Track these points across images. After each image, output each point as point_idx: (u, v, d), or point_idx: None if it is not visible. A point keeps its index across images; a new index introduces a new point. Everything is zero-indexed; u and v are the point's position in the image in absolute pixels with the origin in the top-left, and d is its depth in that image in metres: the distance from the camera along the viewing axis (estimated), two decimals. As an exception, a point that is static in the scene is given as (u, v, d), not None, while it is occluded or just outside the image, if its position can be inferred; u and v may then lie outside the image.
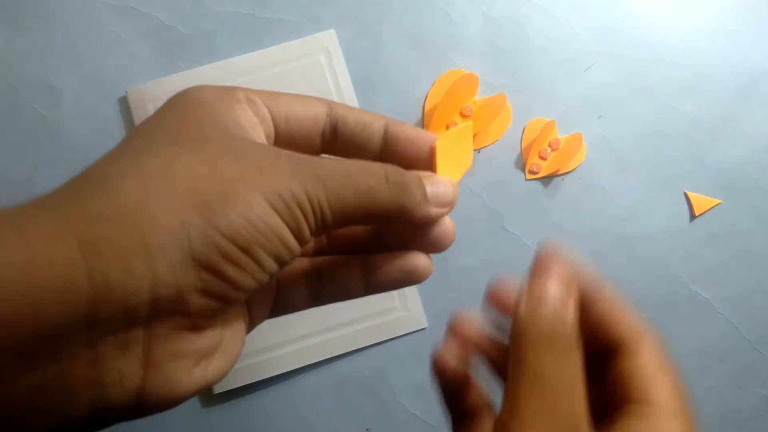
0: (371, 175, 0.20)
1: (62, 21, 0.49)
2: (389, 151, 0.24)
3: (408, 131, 0.24)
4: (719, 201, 0.49)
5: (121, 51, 0.49)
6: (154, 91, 0.48)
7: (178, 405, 0.19)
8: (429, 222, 0.23)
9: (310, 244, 0.26)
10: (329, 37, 0.49)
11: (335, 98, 0.48)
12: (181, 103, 0.21)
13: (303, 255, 0.25)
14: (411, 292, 0.47)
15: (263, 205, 0.18)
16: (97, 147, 0.48)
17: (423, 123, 0.49)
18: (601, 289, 0.22)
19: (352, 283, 0.24)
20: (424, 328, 0.47)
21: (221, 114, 0.21)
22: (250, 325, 0.24)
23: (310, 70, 0.48)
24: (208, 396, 0.46)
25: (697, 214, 0.49)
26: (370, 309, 0.47)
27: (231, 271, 0.17)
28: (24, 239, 0.15)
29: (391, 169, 0.21)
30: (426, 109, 0.49)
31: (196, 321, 0.18)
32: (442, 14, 0.50)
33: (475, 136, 0.48)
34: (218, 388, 0.45)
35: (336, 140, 0.24)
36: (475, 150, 0.49)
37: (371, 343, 0.47)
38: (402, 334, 0.47)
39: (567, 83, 0.50)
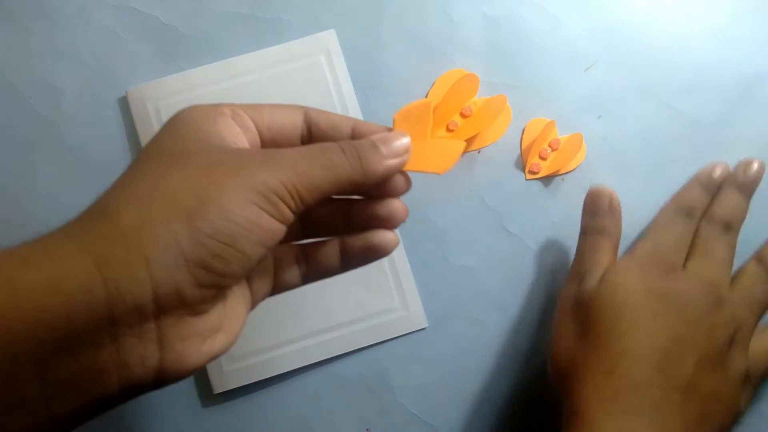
0: (331, 152, 0.25)
1: (62, 21, 0.49)
2: None
3: (372, 129, 0.29)
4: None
5: (121, 51, 0.49)
6: (154, 91, 0.48)
7: (192, 375, 0.23)
8: (393, 174, 0.27)
9: (298, 228, 0.30)
10: (329, 37, 0.49)
11: (335, 98, 0.48)
12: (172, 123, 0.25)
13: (293, 240, 0.30)
14: (411, 292, 0.47)
15: (238, 201, 0.21)
16: (97, 147, 0.48)
17: (423, 123, 0.49)
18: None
19: (331, 261, 0.29)
20: (424, 328, 0.47)
21: (204, 129, 0.24)
22: (253, 303, 0.28)
23: (310, 70, 0.48)
24: (208, 396, 0.46)
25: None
26: (370, 309, 0.47)
27: (217, 263, 0.21)
28: (54, 261, 0.19)
29: (344, 142, 0.26)
30: (426, 109, 0.49)
31: (196, 308, 0.21)
32: (442, 14, 0.50)
33: (475, 136, 0.48)
34: (218, 388, 0.46)
35: (312, 140, 0.28)
36: (475, 150, 0.49)
37: (371, 343, 0.47)
38: (402, 334, 0.47)
39: (567, 83, 0.50)
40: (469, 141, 0.48)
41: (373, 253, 0.29)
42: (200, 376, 0.46)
